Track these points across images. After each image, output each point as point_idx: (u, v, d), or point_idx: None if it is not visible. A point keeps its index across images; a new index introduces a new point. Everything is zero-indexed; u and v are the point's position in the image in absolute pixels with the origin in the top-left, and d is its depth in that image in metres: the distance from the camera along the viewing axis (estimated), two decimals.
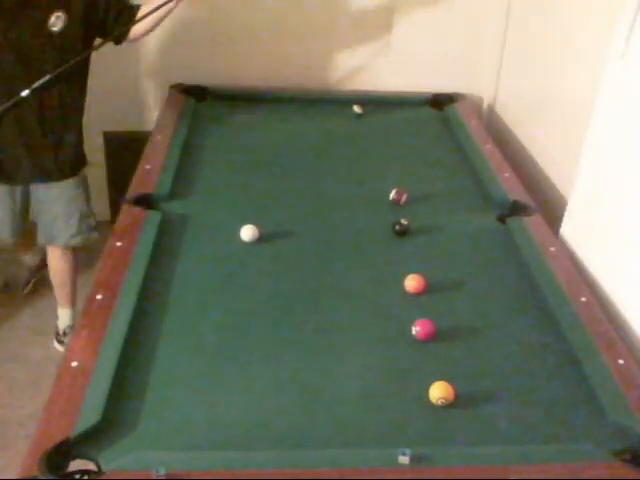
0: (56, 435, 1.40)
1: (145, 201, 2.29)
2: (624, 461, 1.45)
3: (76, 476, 1.35)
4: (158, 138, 2.72)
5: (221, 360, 1.73)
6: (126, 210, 2.23)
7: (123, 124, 3.33)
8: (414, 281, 1.98)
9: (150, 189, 2.35)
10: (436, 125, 3.10)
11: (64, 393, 1.52)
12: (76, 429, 1.42)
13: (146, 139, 2.71)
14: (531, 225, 2.27)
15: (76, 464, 1.39)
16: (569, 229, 2.31)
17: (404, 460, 1.41)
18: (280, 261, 2.13)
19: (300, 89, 3.29)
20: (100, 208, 3.37)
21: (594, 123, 2.18)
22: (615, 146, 2.08)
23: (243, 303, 1.93)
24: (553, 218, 2.37)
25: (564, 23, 2.70)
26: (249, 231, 2.17)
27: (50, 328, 2.88)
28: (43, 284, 3.03)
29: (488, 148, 2.81)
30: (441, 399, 1.59)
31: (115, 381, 1.56)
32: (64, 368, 1.60)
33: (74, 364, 1.60)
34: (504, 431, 1.55)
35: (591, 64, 2.35)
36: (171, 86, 3.16)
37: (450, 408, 1.59)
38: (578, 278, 2.05)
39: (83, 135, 2.62)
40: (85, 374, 1.57)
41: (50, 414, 1.47)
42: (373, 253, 2.20)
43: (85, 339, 1.69)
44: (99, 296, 1.83)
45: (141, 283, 1.89)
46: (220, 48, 3.26)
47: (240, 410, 1.58)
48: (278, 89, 3.30)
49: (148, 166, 2.50)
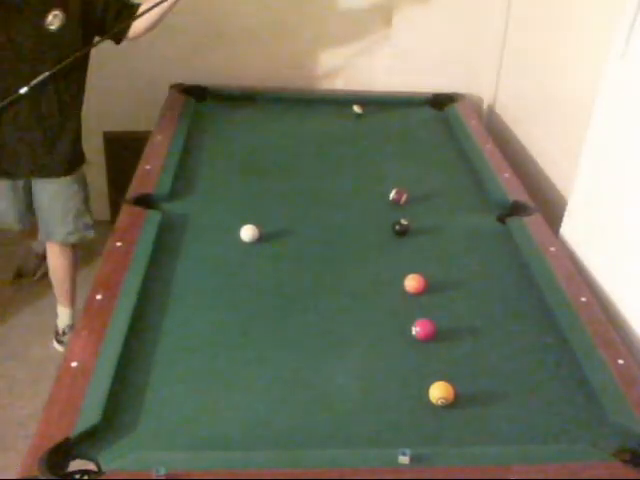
0: (56, 435, 1.41)
1: (145, 201, 2.29)
2: (624, 461, 1.45)
3: (76, 476, 1.35)
4: (158, 138, 2.72)
5: (221, 360, 1.73)
6: (126, 210, 2.23)
7: (123, 124, 3.33)
8: (414, 281, 1.98)
9: (150, 189, 2.35)
10: (436, 125, 3.10)
11: (64, 393, 1.52)
12: (76, 429, 1.43)
13: (146, 139, 2.71)
14: (531, 225, 2.27)
15: (76, 464, 1.39)
16: (569, 229, 2.31)
17: (404, 460, 1.41)
18: (280, 261, 2.13)
19: (300, 89, 3.30)
20: (100, 208, 3.38)
21: (594, 123, 2.18)
22: (615, 146, 2.08)
23: (243, 303, 1.94)
24: (553, 218, 2.38)
25: (564, 23, 2.70)
26: (249, 231, 2.17)
27: (50, 328, 2.88)
28: (44, 283, 3.02)
29: (488, 148, 2.81)
30: (441, 399, 1.59)
31: (115, 381, 1.56)
32: (64, 368, 1.60)
33: (74, 364, 1.60)
34: (504, 431, 1.56)
35: (591, 64, 2.35)
36: (171, 86, 3.16)
37: (450, 408, 1.59)
38: (578, 278, 2.05)
39: (82, 133, 2.61)
40: (85, 374, 1.57)
41: (50, 414, 1.47)
42: (373, 253, 2.20)
43: (85, 339, 1.69)
44: (99, 296, 1.83)
45: (141, 283, 1.89)
46: (220, 48, 3.27)
47: (240, 410, 1.58)
48: (278, 89, 3.30)
49: (148, 166, 2.50)
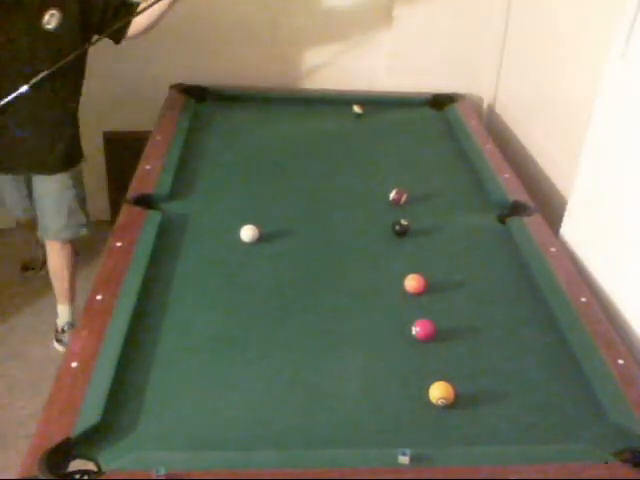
0: (56, 435, 1.41)
1: (145, 201, 2.29)
2: (624, 461, 1.45)
3: (76, 476, 1.35)
4: (158, 138, 2.71)
5: (221, 360, 1.73)
6: (126, 210, 2.23)
7: (123, 124, 3.33)
8: (414, 281, 1.98)
9: (150, 189, 2.35)
10: (436, 125, 3.09)
11: (64, 393, 1.52)
12: (76, 429, 1.43)
13: (146, 139, 2.71)
14: (531, 225, 2.27)
15: (76, 464, 1.39)
16: (569, 229, 2.31)
17: (404, 460, 1.41)
18: (280, 261, 2.13)
19: (300, 89, 3.30)
20: (100, 208, 3.38)
21: (594, 123, 2.18)
22: (615, 146, 2.08)
23: (243, 303, 1.94)
24: (553, 218, 2.37)
25: (564, 23, 2.70)
26: (249, 231, 2.17)
27: (50, 327, 2.88)
28: (44, 284, 3.02)
29: (488, 148, 2.81)
30: (441, 399, 1.59)
31: (115, 381, 1.56)
32: (64, 368, 1.60)
33: (74, 364, 1.60)
34: (504, 431, 1.55)
35: (591, 64, 2.35)
36: (171, 86, 3.16)
37: (450, 408, 1.59)
38: (578, 278, 2.05)
39: (79, 131, 2.63)
40: (85, 374, 1.57)
41: (50, 414, 1.47)
42: (373, 253, 2.20)
43: (85, 339, 1.69)
44: (99, 296, 1.83)
45: (141, 283, 1.89)
46: (220, 48, 3.26)
47: (240, 410, 1.58)
48: (278, 89, 3.30)
49: (148, 166, 2.50)
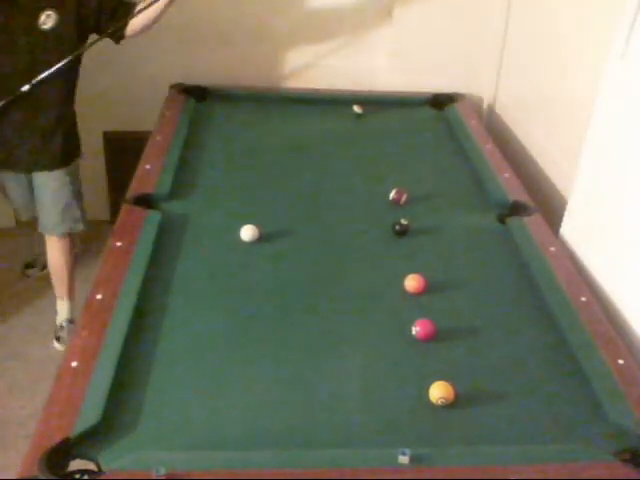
0: (56, 435, 1.41)
1: (145, 201, 2.29)
2: (624, 461, 1.45)
3: (76, 476, 1.35)
4: (158, 138, 2.72)
5: (221, 360, 1.73)
6: (126, 210, 2.23)
7: (123, 124, 3.33)
8: (414, 281, 1.98)
9: (150, 189, 2.35)
10: (436, 125, 3.09)
11: (64, 393, 1.52)
12: (76, 429, 1.42)
13: (146, 139, 2.71)
14: (531, 225, 2.27)
15: (76, 464, 1.39)
16: (569, 229, 2.31)
17: (404, 460, 1.41)
18: (280, 261, 2.13)
19: (300, 89, 3.30)
20: (100, 208, 3.38)
21: (594, 123, 2.18)
22: (615, 146, 2.08)
23: (243, 303, 1.93)
24: (553, 218, 2.37)
25: (564, 23, 2.70)
26: (249, 231, 2.17)
27: (50, 327, 2.88)
28: (44, 284, 3.02)
29: (488, 148, 2.81)
30: (441, 399, 1.59)
31: (115, 381, 1.56)
32: (64, 368, 1.60)
33: (74, 364, 1.60)
34: (504, 431, 1.55)
35: (591, 64, 2.35)
36: (171, 86, 3.17)
37: (450, 408, 1.59)
38: (578, 278, 2.05)
39: (76, 129, 2.66)
40: (85, 374, 1.57)
41: (50, 414, 1.47)
42: (373, 253, 2.20)
43: (85, 339, 1.69)
44: (99, 296, 1.83)
45: (141, 283, 1.89)
46: (220, 48, 3.26)
47: (240, 410, 1.58)
48: (278, 89, 3.30)
49: (148, 166, 2.50)
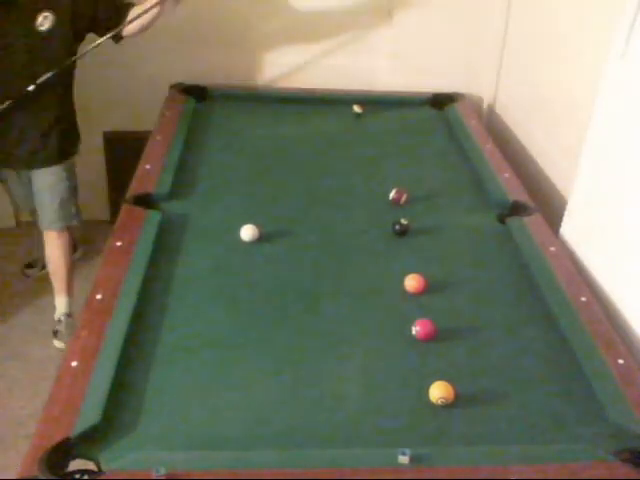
0: (56, 435, 1.41)
1: (145, 201, 2.29)
2: (624, 461, 1.45)
3: (76, 476, 1.35)
4: (158, 138, 2.72)
5: (221, 360, 1.73)
6: (126, 210, 2.23)
7: (123, 124, 3.33)
8: (414, 281, 1.98)
9: (150, 189, 2.35)
10: (436, 125, 3.09)
11: (64, 393, 1.52)
12: (76, 429, 1.43)
13: (146, 139, 2.71)
14: (531, 225, 2.27)
15: (76, 464, 1.39)
16: (569, 229, 2.31)
17: (404, 460, 1.41)
18: (280, 261, 2.13)
19: (300, 89, 3.30)
20: (100, 208, 3.38)
21: (594, 123, 2.18)
22: (615, 146, 2.08)
23: (243, 303, 1.93)
24: (553, 218, 2.37)
25: (564, 23, 2.70)
26: (249, 231, 2.17)
27: (50, 327, 2.88)
28: (44, 284, 3.02)
29: (488, 148, 2.81)
30: (441, 399, 1.59)
31: (115, 381, 1.56)
32: (64, 368, 1.60)
33: (74, 364, 1.60)
34: (504, 431, 1.55)
35: (591, 64, 2.35)
36: (171, 86, 3.16)
37: (450, 408, 1.59)
38: (578, 278, 2.05)
39: (74, 127, 2.70)
40: (85, 374, 1.57)
41: (50, 414, 1.47)
42: (373, 253, 2.20)
43: (85, 339, 1.69)
44: (99, 296, 1.83)
45: (141, 283, 1.89)
46: (220, 48, 3.26)
47: (240, 410, 1.58)
48: (278, 89, 3.30)
49: (148, 166, 2.50)
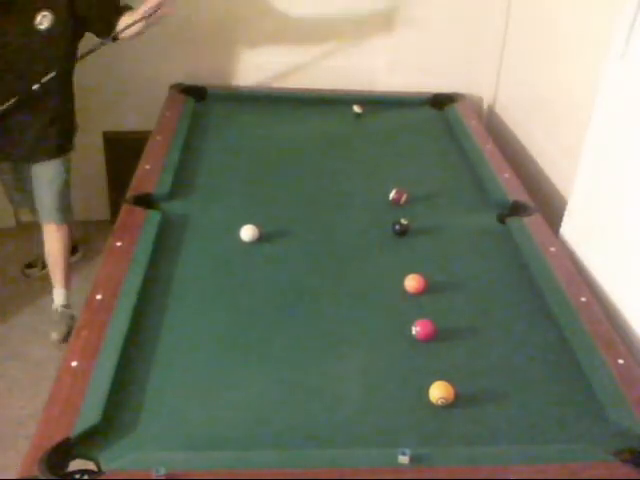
0: (56, 435, 1.41)
1: (145, 201, 2.29)
2: (624, 461, 1.45)
3: (76, 476, 1.35)
4: (158, 138, 2.72)
5: (221, 360, 1.73)
6: (126, 210, 2.23)
7: (123, 124, 3.33)
8: (414, 281, 1.98)
9: (150, 189, 2.35)
10: (436, 125, 3.09)
11: (64, 393, 1.52)
12: (76, 429, 1.43)
13: (146, 139, 2.71)
14: (531, 225, 2.27)
15: (76, 464, 1.39)
16: (569, 229, 2.31)
17: (404, 460, 1.41)
18: (280, 261, 2.13)
19: (300, 89, 3.29)
20: (100, 208, 3.38)
21: (594, 123, 2.18)
22: (615, 146, 2.08)
23: (243, 303, 1.93)
24: (553, 218, 2.37)
25: (564, 23, 2.70)
26: (249, 231, 2.17)
27: (50, 327, 2.88)
28: (44, 284, 3.02)
29: (488, 148, 2.81)
30: (441, 399, 1.59)
31: (115, 381, 1.56)
32: (64, 368, 1.60)
33: (74, 364, 1.60)
34: (504, 431, 1.55)
35: (591, 64, 2.35)
36: (171, 86, 3.17)
37: (450, 408, 1.59)
38: (578, 278, 2.05)
39: (73, 124, 2.72)
40: (85, 374, 1.57)
41: (50, 414, 1.47)
42: (373, 253, 2.20)
43: (85, 339, 1.69)
44: (99, 296, 1.83)
45: (141, 283, 1.89)
46: (220, 48, 3.27)
47: (240, 410, 1.58)
48: (278, 89, 3.30)
49: (148, 166, 2.50)
